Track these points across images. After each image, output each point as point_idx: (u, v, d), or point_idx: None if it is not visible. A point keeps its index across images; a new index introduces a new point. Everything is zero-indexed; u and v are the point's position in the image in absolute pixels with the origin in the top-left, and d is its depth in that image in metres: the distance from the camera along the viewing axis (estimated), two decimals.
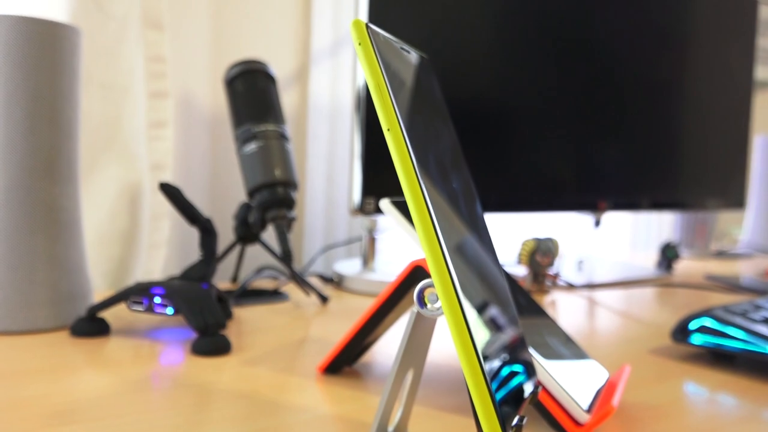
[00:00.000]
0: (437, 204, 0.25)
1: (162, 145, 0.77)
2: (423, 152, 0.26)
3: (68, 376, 0.42)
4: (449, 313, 0.24)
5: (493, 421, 0.24)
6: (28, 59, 0.51)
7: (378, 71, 0.25)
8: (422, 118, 0.28)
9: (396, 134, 0.25)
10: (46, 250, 0.53)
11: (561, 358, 0.39)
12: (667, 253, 1.03)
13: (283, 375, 0.45)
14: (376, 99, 0.25)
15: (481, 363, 0.24)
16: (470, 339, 0.24)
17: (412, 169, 0.24)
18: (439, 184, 0.26)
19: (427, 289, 0.28)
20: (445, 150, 0.29)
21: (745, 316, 0.53)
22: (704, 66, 1.11)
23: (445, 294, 0.24)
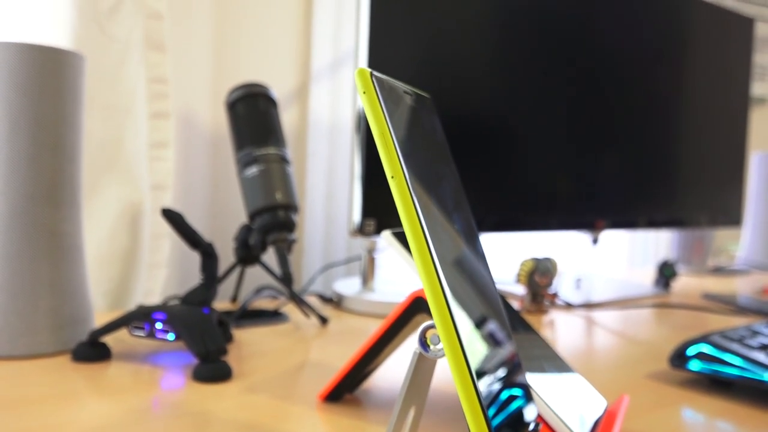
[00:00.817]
0: (439, 248, 0.26)
1: (163, 166, 0.77)
2: (426, 197, 0.26)
3: (70, 404, 0.42)
4: (451, 356, 0.25)
5: None
6: (33, 86, 0.52)
7: (382, 120, 0.25)
8: (425, 162, 0.28)
9: (400, 182, 0.25)
10: (48, 275, 0.53)
11: (559, 387, 0.39)
12: (664, 271, 1.03)
13: (283, 403, 0.45)
14: (380, 147, 0.25)
15: (483, 408, 0.24)
16: (473, 383, 0.24)
17: (416, 218, 0.25)
18: (441, 227, 0.27)
19: (429, 331, 0.28)
20: (447, 191, 0.30)
21: (742, 343, 0.53)
22: (701, 83, 1.13)
23: (447, 338, 0.25)
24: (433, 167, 0.29)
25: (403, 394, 0.28)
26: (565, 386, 0.41)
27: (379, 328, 0.42)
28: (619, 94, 1.00)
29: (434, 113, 0.33)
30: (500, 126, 0.87)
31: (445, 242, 0.27)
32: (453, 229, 0.29)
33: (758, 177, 1.39)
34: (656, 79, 1.05)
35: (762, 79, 1.71)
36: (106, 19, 0.73)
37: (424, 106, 0.32)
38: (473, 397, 0.24)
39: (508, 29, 0.87)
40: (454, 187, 0.32)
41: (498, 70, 0.87)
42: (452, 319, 0.25)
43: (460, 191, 0.33)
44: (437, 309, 0.25)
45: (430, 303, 0.25)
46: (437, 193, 0.28)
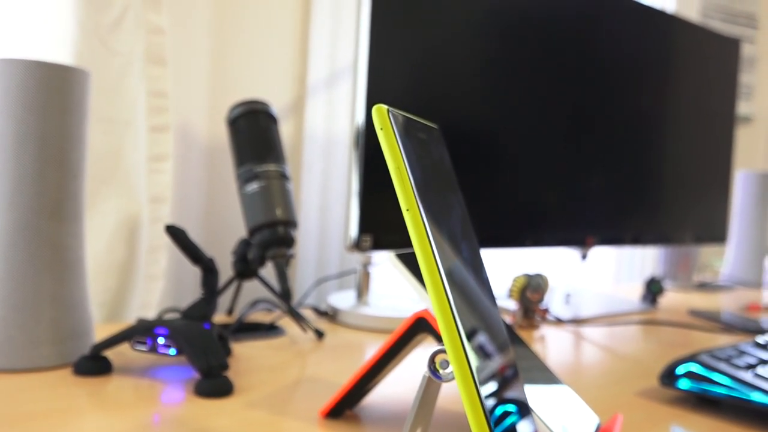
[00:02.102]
0: (450, 279, 0.27)
1: (162, 178, 0.78)
2: (437, 228, 0.28)
3: (72, 420, 0.43)
4: (462, 382, 0.26)
5: None
6: (39, 103, 0.53)
7: (399, 156, 0.26)
8: (436, 193, 0.29)
9: (414, 215, 0.26)
10: (51, 289, 0.54)
11: (552, 403, 0.41)
12: (651, 287, 1.05)
13: (284, 419, 0.46)
14: (396, 181, 0.27)
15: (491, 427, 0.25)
16: (482, 407, 0.26)
17: (430, 250, 0.26)
18: (451, 257, 0.28)
19: (438, 356, 0.29)
20: (456, 220, 0.31)
21: (730, 362, 0.55)
22: (688, 102, 1.15)
23: (458, 364, 0.26)
24: (443, 197, 0.30)
25: (412, 416, 0.29)
26: (558, 402, 0.42)
27: (381, 347, 0.43)
28: (609, 113, 1.02)
29: (442, 143, 0.35)
30: (492, 143, 0.89)
31: (455, 272, 0.28)
32: (462, 258, 0.30)
33: (743, 195, 1.41)
34: (644, 98, 1.07)
35: (747, 98, 1.75)
36: (108, 33, 0.73)
37: (433, 137, 0.33)
38: (483, 422, 0.26)
39: (502, 50, 0.89)
40: (461, 216, 0.33)
41: (491, 87, 0.88)
42: (463, 348, 0.26)
43: (467, 220, 0.34)
44: (449, 337, 0.26)
45: (443, 331, 0.26)
46: (448, 223, 0.30)
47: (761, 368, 0.54)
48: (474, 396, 0.26)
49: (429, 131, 0.33)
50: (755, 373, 0.53)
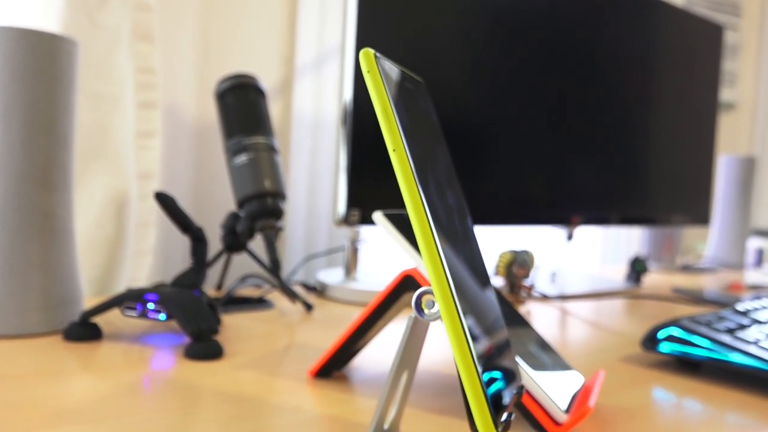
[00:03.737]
0: (436, 218, 0.28)
1: (150, 155, 0.78)
2: (423, 171, 0.28)
3: (62, 380, 0.43)
4: (447, 318, 0.27)
5: (486, 418, 0.26)
6: (27, 71, 0.53)
7: (385, 97, 0.27)
8: (422, 140, 0.30)
9: (401, 154, 0.27)
10: (40, 256, 0.54)
11: (541, 364, 0.42)
12: (635, 266, 1.07)
13: (274, 379, 0.46)
14: (383, 122, 0.27)
15: (476, 364, 0.26)
16: (467, 342, 0.26)
17: (415, 186, 0.27)
18: (436, 199, 0.29)
19: (425, 296, 0.30)
20: (441, 169, 0.32)
21: (710, 326, 0.56)
22: (672, 88, 1.17)
23: (443, 300, 0.27)
24: (429, 146, 0.31)
25: (398, 357, 0.30)
26: (546, 362, 0.43)
27: (369, 306, 0.44)
28: (593, 96, 1.03)
29: (428, 96, 0.35)
30: (480, 123, 0.90)
31: (441, 214, 0.29)
32: (447, 202, 0.31)
33: (725, 179, 1.44)
34: (629, 82, 1.09)
35: (731, 85, 1.77)
36: (96, 9, 0.73)
37: (419, 90, 0.34)
38: (467, 354, 0.26)
39: (491, 33, 0.90)
40: (446, 165, 0.34)
41: (479, 69, 0.89)
42: (449, 284, 0.27)
43: (452, 170, 0.35)
44: (434, 272, 0.27)
45: (427, 266, 0.27)
46: (434, 169, 0.30)
47: (741, 332, 0.56)
48: (460, 333, 0.27)
49: (416, 83, 0.34)
50: (735, 336, 0.55)
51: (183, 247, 0.86)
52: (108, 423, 0.36)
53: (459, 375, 0.27)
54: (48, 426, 0.35)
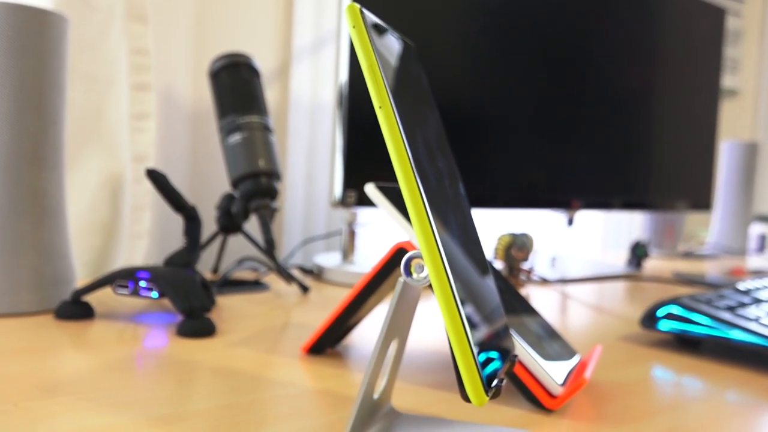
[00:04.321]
0: (424, 178, 0.27)
1: (144, 137, 0.77)
2: (411, 130, 0.28)
3: (53, 355, 0.43)
4: (436, 280, 0.26)
5: (476, 381, 0.25)
6: (15, 46, 0.52)
7: (371, 53, 0.26)
8: (410, 101, 0.29)
9: (387, 111, 0.26)
10: (32, 234, 0.53)
11: (537, 338, 0.41)
12: (636, 251, 1.06)
13: (267, 355, 0.46)
14: (368, 78, 0.26)
15: (465, 327, 0.26)
16: (456, 305, 0.26)
17: (401, 142, 0.26)
18: (425, 160, 0.28)
19: (414, 260, 0.29)
20: (431, 132, 0.31)
21: (710, 304, 0.56)
22: (674, 74, 1.15)
23: (432, 263, 0.26)
24: (419, 108, 0.30)
25: (387, 322, 0.29)
26: (543, 337, 0.42)
27: (362, 279, 0.43)
28: (598, 83, 1.02)
29: (419, 61, 0.34)
30: (480, 106, 0.89)
31: (430, 176, 0.28)
32: (436, 165, 0.30)
33: (728, 165, 1.42)
34: (632, 69, 1.07)
35: (733, 72, 1.75)
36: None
37: (410, 53, 0.33)
38: (456, 317, 0.26)
39: (490, 18, 0.88)
40: (437, 130, 0.33)
41: (479, 53, 0.88)
42: (437, 245, 0.26)
43: (443, 137, 0.34)
44: (422, 233, 0.26)
45: (415, 227, 0.26)
46: (423, 131, 0.29)
47: (741, 310, 0.55)
48: (449, 295, 0.26)
49: (407, 46, 0.33)
50: (735, 313, 0.54)
51: (179, 230, 0.84)
52: (98, 395, 0.35)
53: (449, 340, 0.26)
54: (41, 396, 0.35)
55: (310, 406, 0.36)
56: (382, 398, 0.33)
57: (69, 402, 0.34)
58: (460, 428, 0.33)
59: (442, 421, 0.34)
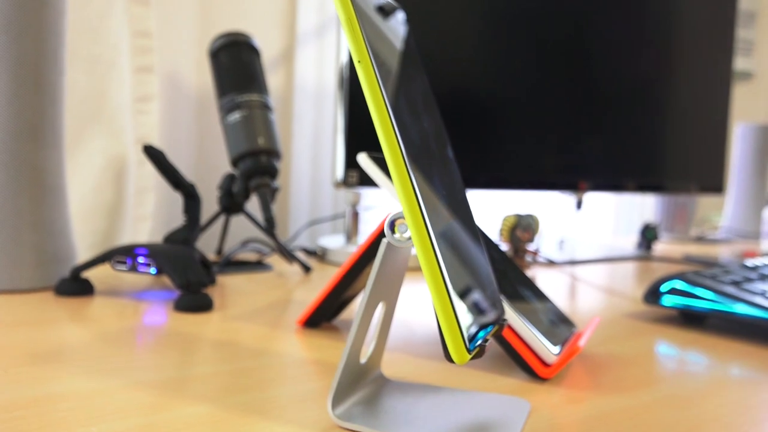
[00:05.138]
0: (405, 134, 0.26)
1: (147, 119, 0.78)
2: (393, 87, 0.27)
3: (50, 328, 0.43)
4: (417, 238, 0.26)
5: (457, 339, 0.25)
6: (13, 24, 0.52)
7: (349, 6, 0.26)
8: (393, 59, 0.29)
9: (366, 66, 0.26)
10: (31, 212, 0.54)
11: (532, 308, 0.40)
12: (646, 234, 1.05)
13: (264, 328, 0.46)
14: (347, 32, 0.26)
15: (447, 284, 0.25)
16: (437, 263, 0.25)
17: (381, 97, 0.25)
18: (408, 117, 0.28)
19: (398, 220, 0.29)
20: (416, 92, 0.31)
21: (715, 279, 0.55)
22: (685, 56, 1.13)
23: (412, 218, 0.26)
24: (403, 66, 0.30)
25: (371, 282, 0.29)
26: (538, 308, 0.42)
27: (355, 252, 0.43)
28: (607, 64, 1.01)
29: (407, 26, 0.34)
30: (490, 89, 0.88)
31: (413, 134, 0.28)
32: (421, 125, 0.29)
33: (742, 148, 1.40)
34: (643, 50, 1.06)
35: (747, 54, 1.72)
36: None
37: (397, 15, 0.33)
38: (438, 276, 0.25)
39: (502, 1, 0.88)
40: (424, 91, 0.32)
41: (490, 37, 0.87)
42: (418, 202, 0.25)
43: (431, 99, 0.33)
44: (403, 190, 0.25)
45: (396, 183, 0.26)
46: (406, 87, 0.29)
47: (746, 284, 0.54)
48: (430, 253, 0.25)
49: (393, 8, 0.32)
50: (740, 288, 0.53)
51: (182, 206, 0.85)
52: (90, 362, 0.35)
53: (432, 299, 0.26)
54: (27, 364, 0.35)
55: (304, 373, 0.36)
56: (370, 363, 0.33)
57: (59, 368, 0.34)
58: (448, 394, 0.33)
59: (430, 388, 0.34)
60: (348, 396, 0.30)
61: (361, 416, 0.29)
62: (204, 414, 0.29)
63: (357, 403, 0.30)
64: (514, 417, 0.30)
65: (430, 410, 0.30)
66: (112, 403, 0.30)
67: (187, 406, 0.30)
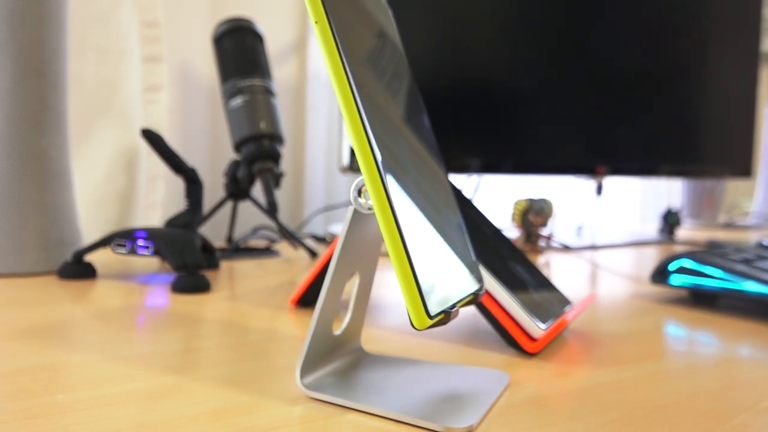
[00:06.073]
0: (365, 93, 0.26)
1: (157, 108, 0.78)
2: (355, 48, 0.26)
3: (45, 307, 0.43)
4: (375, 199, 0.25)
5: (417, 303, 0.24)
6: (15, 12, 0.53)
7: None
8: (359, 26, 0.28)
9: (323, 28, 0.25)
10: (35, 197, 0.54)
11: (523, 283, 0.39)
12: (668, 219, 1.02)
13: (257, 308, 0.46)
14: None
15: (407, 250, 0.25)
16: (397, 226, 0.25)
17: (337, 54, 0.25)
18: (371, 78, 0.27)
19: (365, 186, 0.28)
20: (385, 59, 0.30)
21: (725, 257, 0.53)
22: (712, 38, 1.10)
23: (372, 184, 0.25)
24: (370, 35, 0.29)
25: (337, 250, 0.28)
26: (531, 283, 0.41)
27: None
28: (630, 45, 0.98)
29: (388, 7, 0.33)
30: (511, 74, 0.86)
31: (376, 94, 0.27)
32: (386, 84, 0.29)
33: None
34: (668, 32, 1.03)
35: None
36: None
37: None
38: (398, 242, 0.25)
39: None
40: (397, 61, 0.32)
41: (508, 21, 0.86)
42: (376, 162, 0.25)
43: (404, 65, 0.33)
44: (362, 156, 0.25)
45: (354, 146, 0.25)
46: (373, 56, 0.28)
47: (758, 262, 0.52)
48: (389, 216, 0.25)
49: None
50: (751, 265, 0.51)
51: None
52: (75, 338, 0.36)
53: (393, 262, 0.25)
54: (9, 339, 0.35)
55: (287, 348, 0.36)
56: (347, 336, 0.32)
57: (40, 343, 0.35)
58: (427, 367, 0.32)
59: (410, 361, 0.33)
60: (319, 367, 0.30)
61: (331, 386, 0.28)
62: (171, 384, 0.29)
63: (329, 374, 0.30)
64: (490, 388, 0.29)
65: (404, 382, 0.30)
66: (87, 374, 0.30)
67: (156, 377, 0.30)
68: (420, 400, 0.27)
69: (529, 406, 0.28)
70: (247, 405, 0.27)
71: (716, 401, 0.30)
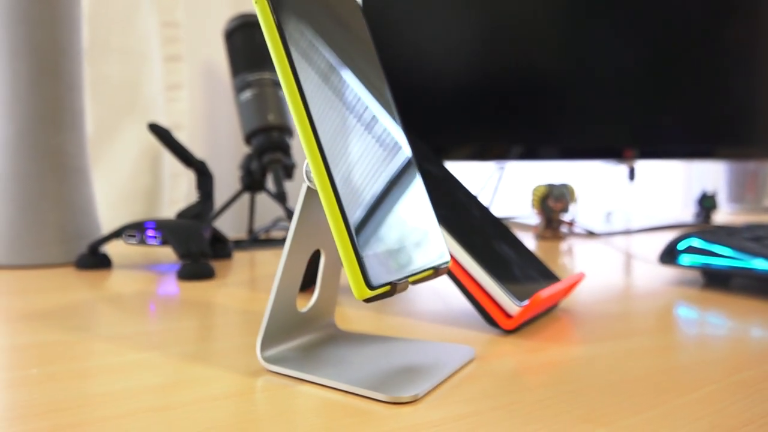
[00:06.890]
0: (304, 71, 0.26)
1: (178, 106, 0.81)
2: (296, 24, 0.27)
3: (55, 293, 0.46)
4: (315, 172, 0.25)
5: (356, 272, 0.25)
6: (30, 15, 0.56)
7: None
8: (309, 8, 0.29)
9: (263, 6, 0.26)
10: (54, 192, 0.57)
11: (506, 261, 0.39)
12: (703, 203, 0.99)
13: (255, 293, 0.47)
14: None
15: (346, 219, 0.25)
16: (335, 193, 0.25)
17: (278, 36, 0.25)
18: (318, 57, 0.27)
19: None
20: (338, 36, 0.30)
21: (734, 236, 0.51)
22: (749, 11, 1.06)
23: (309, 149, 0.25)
24: (323, 19, 0.30)
25: (292, 227, 0.29)
26: (515, 261, 0.40)
27: None
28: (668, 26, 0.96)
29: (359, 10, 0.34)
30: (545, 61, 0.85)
31: (317, 69, 0.27)
32: (339, 64, 0.29)
33: None
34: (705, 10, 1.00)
35: None
36: None
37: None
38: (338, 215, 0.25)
39: None
40: (354, 37, 0.32)
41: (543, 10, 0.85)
42: (314, 134, 0.25)
43: (371, 48, 0.33)
44: (300, 124, 0.25)
45: (293, 112, 0.26)
46: (322, 32, 0.29)
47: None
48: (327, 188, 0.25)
49: None
50: (763, 243, 0.49)
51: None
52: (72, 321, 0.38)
53: None
54: (12, 321, 0.37)
55: None
56: (315, 313, 0.33)
57: (37, 326, 0.37)
58: (394, 343, 0.32)
59: (380, 338, 0.33)
60: (282, 342, 0.30)
61: (291, 360, 0.29)
62: (143, 360, 0.30)
63: (292, 349, 0.30)
64: (450, 361, 0.29)
65: (368, 357, 0.30)
66: (67, 351, 0.32)
67: (130, 354, 0.31)
68: (375, 373, 0.28)
69: (489, 378, 0.28)
70: (206, 377, 0.28)
71: (687, 375, 0.29)
